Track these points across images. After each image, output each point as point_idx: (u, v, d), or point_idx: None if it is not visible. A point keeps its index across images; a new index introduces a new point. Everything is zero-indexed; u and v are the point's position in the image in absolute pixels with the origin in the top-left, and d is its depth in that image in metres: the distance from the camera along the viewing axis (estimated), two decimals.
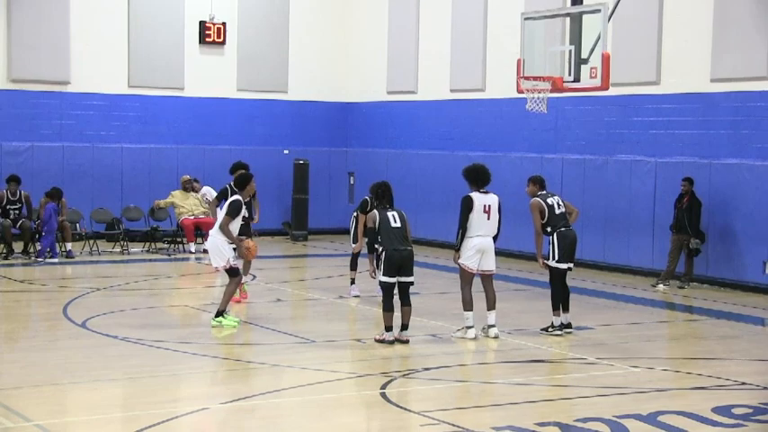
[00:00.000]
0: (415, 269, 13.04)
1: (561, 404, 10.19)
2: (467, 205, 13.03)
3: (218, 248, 13.60)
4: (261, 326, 13.97)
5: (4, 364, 11.46)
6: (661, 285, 17.99)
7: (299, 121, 26.33)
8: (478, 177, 13.19)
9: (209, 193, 22.92)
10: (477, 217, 13.01)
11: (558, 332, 13.55)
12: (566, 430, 9.14)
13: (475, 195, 13.11)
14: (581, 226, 20.31)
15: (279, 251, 23.02)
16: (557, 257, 13.51)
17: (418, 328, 13.48)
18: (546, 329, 13.63)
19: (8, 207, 20.51)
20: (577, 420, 9.39)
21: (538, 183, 13.88)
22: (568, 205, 14.00)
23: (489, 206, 13.09)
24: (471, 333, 13.11)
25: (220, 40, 25.18)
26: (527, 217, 14.29)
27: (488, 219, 13.07)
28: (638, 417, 9.57)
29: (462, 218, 13.03)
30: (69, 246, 20.61)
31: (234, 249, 13.78)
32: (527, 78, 16.48)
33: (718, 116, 18.59)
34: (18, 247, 20.51)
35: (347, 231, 17.02)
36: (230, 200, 13.71)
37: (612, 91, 17.63)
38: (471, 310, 13.15)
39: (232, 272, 13.70)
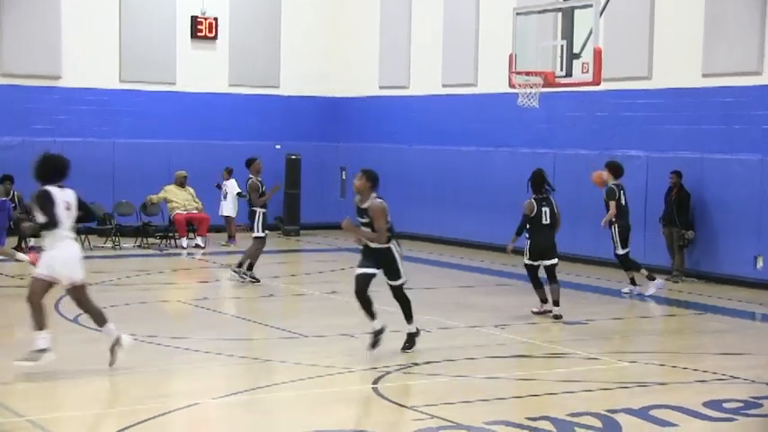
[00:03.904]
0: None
1: (553, 399, 10.20)
2: None
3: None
4: (253, 321, 13.96)
5: None
6: (679, 281, 18.04)
7: (291, 115, 26.31)
8: None
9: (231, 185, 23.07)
10: None
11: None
12: (558, 425, 9.15)
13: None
14: (575, 221, 20.45)
15: (271, 246, 22.95)
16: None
17: None
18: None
19: None
20: (569, 415, 9.41)
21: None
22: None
23: None
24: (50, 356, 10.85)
25: (212, 34, 25.15)
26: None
27: None
28: (630, 411, 9.59)
29: None
30: None
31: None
32: (519, 73, 16.52)
33: (709, 111, 18.60)
34: (12, 243, 20.50)
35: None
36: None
37: (604, 86, 17.65)
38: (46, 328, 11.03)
39: None
